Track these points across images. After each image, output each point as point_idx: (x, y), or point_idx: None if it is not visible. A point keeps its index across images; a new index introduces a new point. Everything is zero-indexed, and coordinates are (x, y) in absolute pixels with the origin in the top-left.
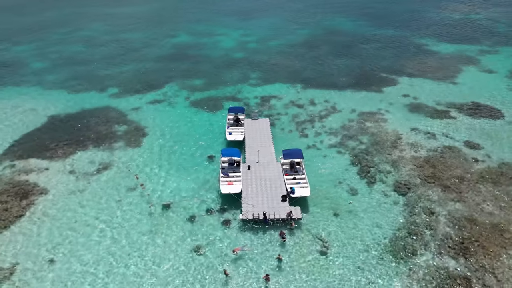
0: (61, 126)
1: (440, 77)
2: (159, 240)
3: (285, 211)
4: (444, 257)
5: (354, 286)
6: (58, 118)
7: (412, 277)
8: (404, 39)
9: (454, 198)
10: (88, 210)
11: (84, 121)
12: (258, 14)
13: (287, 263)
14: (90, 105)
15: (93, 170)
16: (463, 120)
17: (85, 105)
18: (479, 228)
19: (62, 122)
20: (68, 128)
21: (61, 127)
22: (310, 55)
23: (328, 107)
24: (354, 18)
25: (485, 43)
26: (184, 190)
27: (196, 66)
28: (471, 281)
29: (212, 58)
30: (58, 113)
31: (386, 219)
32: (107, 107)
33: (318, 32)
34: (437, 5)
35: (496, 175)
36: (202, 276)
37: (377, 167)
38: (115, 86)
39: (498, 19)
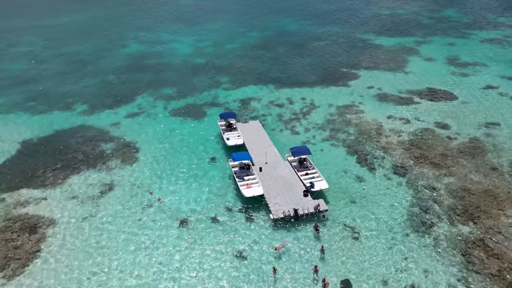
0: (39, 151)
1: (393, 68)
2: (198, 252)
3: (312, 205)
4: (458, 225)
5: (393, 263)
6: (31, 142)
7: (439, 247)
8: (348, 35)
9: (446, 173)
10: (112, 234)
11: (63, 143)
12: (203, 19)
13: (329, 253)
14: (61, 126)
15: (97, 192)
16: (426, 104)
17: (55, 126)
18: (474, 195)
19: (38, 146)
20: (49, 152)
21: (40, 151)
22: (269, 56)
23: (307, 104)
24: (296, 18)
25: (417, 35)
26: (202, 199)
27: (161, 75)
28: (486, 242)
29: (174, 65)
30: (29, 138)
31: (397, 199)
32: (82, 125)
33: (268, 34)
34: (366, 2)
35: (471, 149)
36: (255, 278)
37: (372, 154)
38: (81, 103)
39: (420, 13)
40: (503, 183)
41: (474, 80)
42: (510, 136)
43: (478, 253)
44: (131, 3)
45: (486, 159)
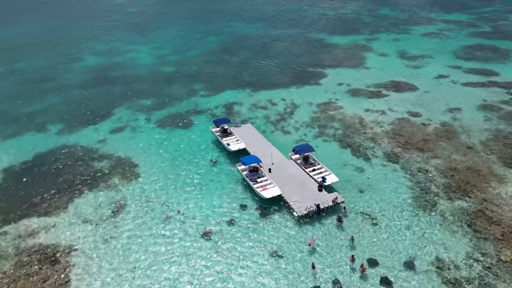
0: (28, 177)
1: (354, 65)
2: (234, 258)
3: (329, 199)
4: (456, 200)
5: (414, 240)
6: (15, 169)
7: (446, 221)
8: (304, 36)
9: (431, 156)
10: (139, 255)
11: (52, 166)
12: (154, 27)
13: (358, 241)
14: (42, 148)
15: (109, 212)
16: (394, 96)
17: (36, 149)
18: (461, 173)
19: (25, 172)
20: (39, 177)
21: (29, 178)
22: (236, 61)
23: (288, 104)
24: (249, 22)
25: (364, 32)
26: (219, 205)
27: (132, 86)
28: (484, 212)
29: (143, 76)
30: (10, 165)
31: (398, 184)
32: (65, 145)
33: (226, 38)
34: (309, 4)
35: (445, 132)
36: (296, 274)
37: (363, 145)
38: (54, 122)
39: (361, 12)
40: (481, 159)
41: (427, 71)
42: (471, 118)
43: (480, 222)
44: (73, 13)
45: (461, 140)
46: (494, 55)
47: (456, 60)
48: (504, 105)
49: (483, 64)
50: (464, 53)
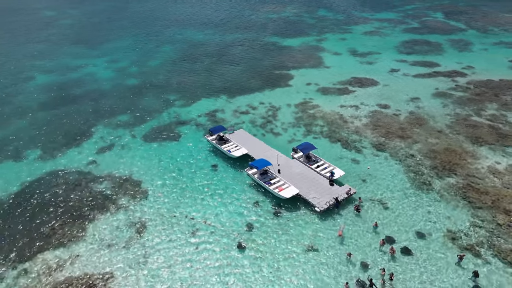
0: (26, 209)
1: (315, 65)
2: (273, 260)
3: (343, 191)
4: (446, 178)
5: (423, 217)
6: (6, 203)
7: (444, 197)
8: (258, 40)
9: (411, 142)
10: (183, 272)
11: (48, 195)
12: (100, 39)
13: (381, 226)
14: (28, 177)
15: (133, 233)
16: (361, 91)
17: (21, 179)
18: (441, 154)
19: (20, 205)
20: (40, 207)
21: (28, 210)
22: (200, 68)
23: (268, 107)
24: (198, 29)
25: (312, 34)
26: (241, 211)
27: (101, 102)
28: (471, 185)
29: (108, 91)
30: None
31: (393, 170)
32: (52, 171)
33: (182, 46)
34: (250, 9)
35: (415, 120)
36: (336, 265)
37: (350, 139)
38: (30, 148)
39: (301, 14)
40: (452, 141)
41: (380, 66)
42: (431, 105)
43: (471, 194)
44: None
45: (430, 125)
46: (429, 48)
47: (400, 54)
48: (453, 92)
49: (423, 57)
50: (404, 48)
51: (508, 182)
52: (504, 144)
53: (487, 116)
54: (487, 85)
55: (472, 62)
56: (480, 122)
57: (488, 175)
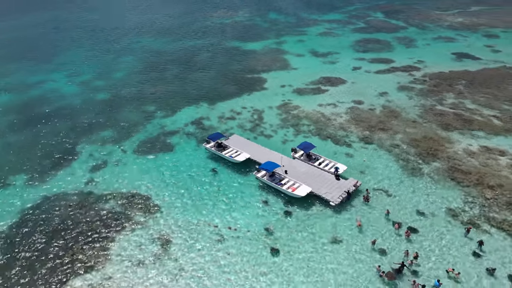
0: (37, 236)
1: (282, 67)
2: (303, 256)
3: (350, 184)
4: (431, 163)
5: (422, 199)
6: (12, 233)
7: (435, 180)
8: (220, 45)
9: (393, 133)
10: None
11: (53, 220)
12: (51, 52)
13: (393, 213)
14: (25, 204)
15: (159, 248)
16: (333, 90)
17: (17, 207)
18: (422, 142)
19: (29, 232)
20: (49, 234)
21: (40, 237)
22: (170, 76)
23: (251, 111)
24: (154, 37)
25: (270, 37)
26: (259, 214)
27: (76, 120)
28: (454, 167)
29: (79, 107)
30: None
31: (385, 160)
32: (50, 196)
33: (144, 56)
34: (202, 15)
35: (390, 113)
36: (360, 252)
37: (338, 135)
38: (14, 174)
39: (252, 18)
40: (427, 129)
41: (342, 65)
42: (399, 98)
43: (457, 175)
44: None
45: (404, 117)
46: (380, 46)
47: (357, 53)
48: (414, 85)
49: (378, 54)
50: (359, 47)
51: (483, 161)
52: (470, 128)
53: (448, 104)
54: (440, 77)
55: (421, 57)
56: (445, 110)
57: (465, 156)
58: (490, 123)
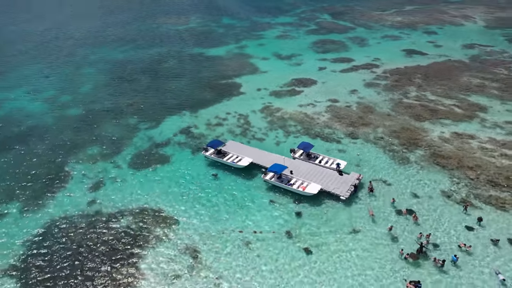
0: (57, 263)
1: (252, 71)
2: (333, 248)
3: (354, 178)
4: (415, 151)
5: (417, 184)
6: (27, 266)
7: (423, 167)
8: (184, 52)
9: (375, 127)
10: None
11: (64, 245)
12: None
13: (397, 202)
14: (29, 232)
15: (190, 259)
16: (307, 90)
17: (20, 236)
18: (402, 133)
19: (47, 261)
20: (73, 259)
21: (61, 264)
22: (143, 87)
23: (236, 116)
24: (111, 46)
25: (230, 42)
26: (276, 215)
27: (55, 139)
28: (435, 153)
29: (54, 125)
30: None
31: (374, 152)
32: (53, 221)
33: (106, 66)
34: (155, 23)
35: (367, 108)
36: (380, 240)
37: (325, 133)
38: (9, 201)
39: (207, 24)
40: (402, 121)
41: (308, 66)
42: (369, 94)
43: (440, 160)
44: None
45: (378, 111)
46: (337, 46)
47: (318, 54)
48: (378, 81)
49: (337, 54)
50: (318, 48)
51: (458, 145)
52: (438, 117)
53: (413, 97)
54: (398, 72)
55: (376, 55)
56: (412, 103)
57: (442, 143)
58: (452, 111)
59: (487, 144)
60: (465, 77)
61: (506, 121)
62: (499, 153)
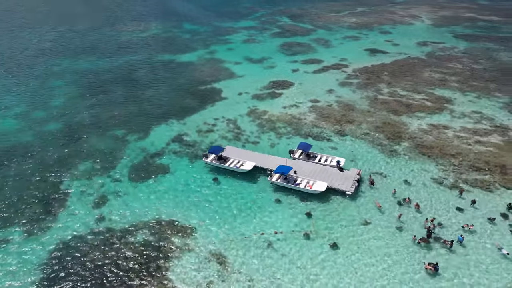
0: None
1: (229, 76)
2: (354, 239)
3: (354, 173)
4: (401, 144)
5: (409, 173)
6: None
7: (411, 157)
8: (155, 60)
9: (359, 123)
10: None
11: (90, 264)
12: None
13: (398, 192)
14: (42, 257)
15: (217, 265)
16: (287, 92)
17: (33, 261)
18: (384, 127)
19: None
20: (100, 277)
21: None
22: (121, 97)
23: (225, 121)
24: (74, 58)
25: (198, 48)
26: (290, 216)
27: (40, 157)
28: (418, 144)
29: (35, 143)
30: None
31: (364, 147)
32: (68, 241)
33: (76, 78)
34: (115, 31)
35: (347, 107)
36: (390, 227)
37: (315, 132)
38: (9, 226)
39: (169, 30)
40: (382, 116)
41: (281, 68)
42: (346, 93)
43: (425, 150)
44: None
45: (358, 108)
46: (303, 48)
47: (287, 56)
48: (351, 80)
49: (306, 56)
50: (286, 50)
51: (437, 136)
52: (412, 111)
53: (386, 93)
54: (366, 71)
55: (342, 55)
56: (386, 99)
57: (422, 134)
58: (424, 105)
59: (461, 133)
60: (427, 73)
61: (472, 111)
62: (473, 140)
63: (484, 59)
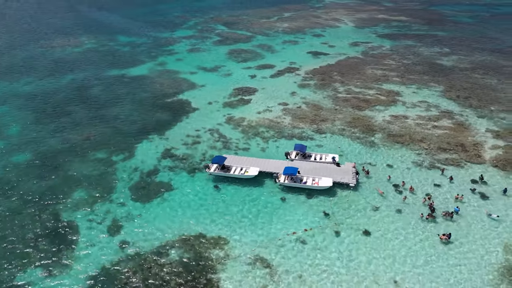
0: None
1: (191, 87)
2: (377, 227)
3: (351, 166)
4: (375, 135)
5: (393, 160)
6: None
7: (388, 146)
8: (101, 75)
9: (332, 121)
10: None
11: None
12: None
13: (392, 178)
14: None
15: (263, 269)
16: (254, 98)
17: None
18: (356, 122)
19: None
20: None
21: None
22: (85, 118)
23: (208, 131)
24: (6, 79)
25: (146, 60)
26: (304, 215)
27: (22, 192)
28: (390, 134)
29: (11, 178)
30: None
31: (346, 142)
32: (98, 274)
33: (23, 102)
34: (39, 45)
35: (315, 106)
36: (394, 209)
37: (297, 133)
38: (21, 269)
39: (105, 43)
40: (349, 112)
41: (238, 75)
42: (307, 94)
43: (398, 139)
44: None
45: (326, 107)
46: (251, 55)
47: (239, 63)
48: (307, 81)
49: (257, 62)
50: (235, 58)
51: (401, 125)
52: (372, 105)
53: (343, 92)
54: (318, 72)
55: (290, 59)
56: (346, 96)
57: (389, 125)
58: (379, 99)
59: (419, 120)
60: (369, 70)
61: (419, 101)
62: (431, 125)
63: (411, 55)
